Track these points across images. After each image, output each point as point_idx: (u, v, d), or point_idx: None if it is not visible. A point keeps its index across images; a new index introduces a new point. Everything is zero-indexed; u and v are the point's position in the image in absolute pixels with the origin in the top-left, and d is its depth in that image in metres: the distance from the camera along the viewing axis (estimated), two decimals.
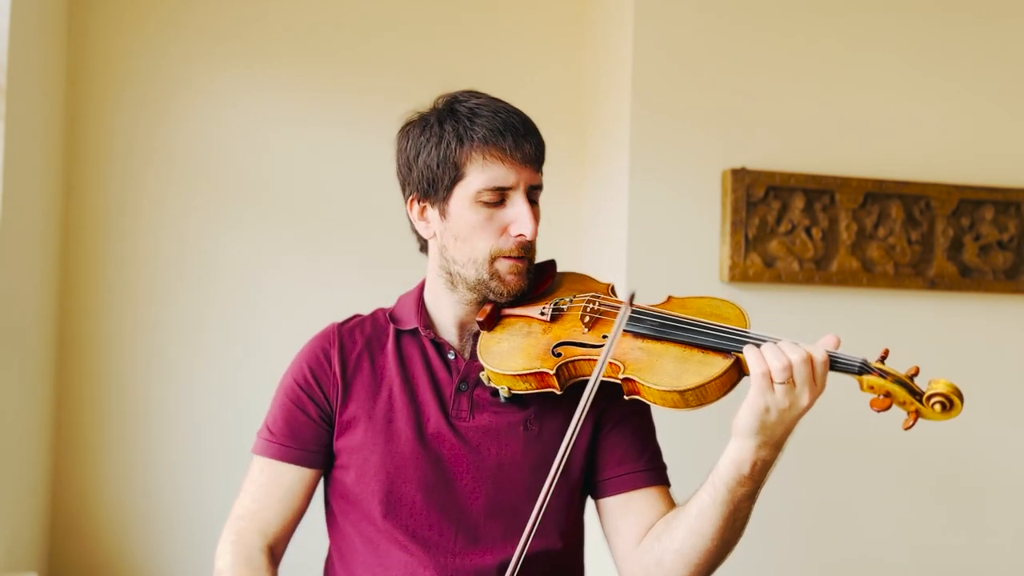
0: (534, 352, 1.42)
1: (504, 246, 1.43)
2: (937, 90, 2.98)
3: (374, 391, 1.49)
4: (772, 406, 1.25)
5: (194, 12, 2.91)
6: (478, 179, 1.42)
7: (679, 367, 1.33)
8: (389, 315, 1.56)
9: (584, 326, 1.42)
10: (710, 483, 1.35)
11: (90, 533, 2.80)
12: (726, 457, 1.32)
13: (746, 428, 1.28)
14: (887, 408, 1.27)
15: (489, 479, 1.44)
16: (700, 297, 1.47)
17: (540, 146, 1.46)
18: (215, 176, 2.91)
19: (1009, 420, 2.99)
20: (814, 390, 1.26)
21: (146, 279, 2.86)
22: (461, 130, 1.42)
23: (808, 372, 1.25)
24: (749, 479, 1.31)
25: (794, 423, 1.29)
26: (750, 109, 2.87)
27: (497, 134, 1.41)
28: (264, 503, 1.50)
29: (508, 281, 1.45)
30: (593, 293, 1.49)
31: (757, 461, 1.30)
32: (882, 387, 1.27)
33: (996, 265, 2.96)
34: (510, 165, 1.41)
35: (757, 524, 2.94)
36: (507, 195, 1.43)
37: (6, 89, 2.21)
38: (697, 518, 1.35)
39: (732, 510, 1.34)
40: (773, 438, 1.29)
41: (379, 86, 2.95)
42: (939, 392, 1.24)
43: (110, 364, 2.84)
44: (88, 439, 2.82)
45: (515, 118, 1.44)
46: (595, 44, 3.08)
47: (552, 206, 3.09)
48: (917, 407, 1.26)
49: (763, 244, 2.82)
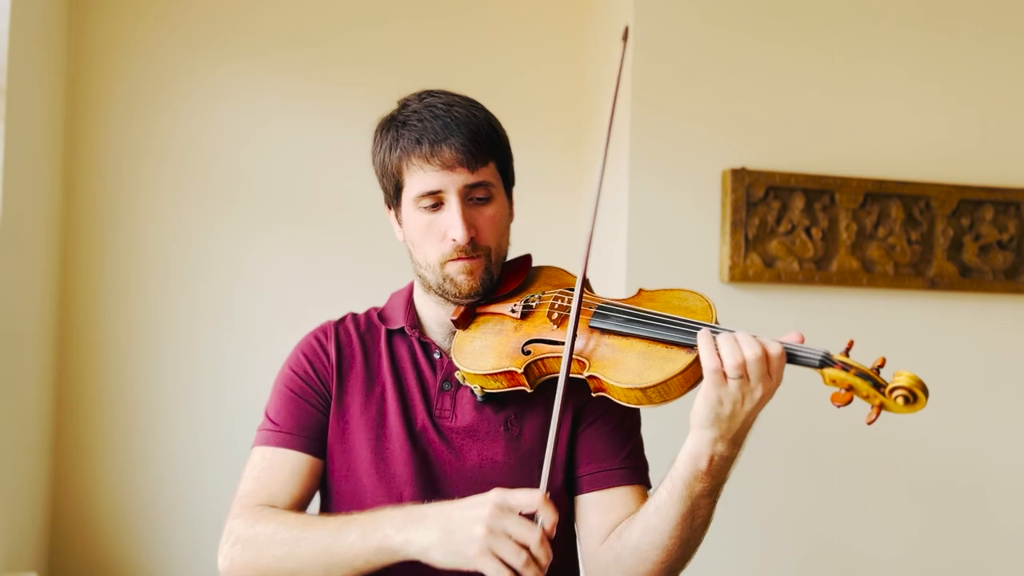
0: (504, 351, 1.41)
1: (446, 250, 1.44)
2: (937, 90, 2.98)
3: (368, 388, 1.50)
4: (725, 398, 1.23)
5: (195, 11, 2.91)
6: (412, 187, 1.44)
7: (642, 363, 1.31)
8: (379, 315, 1.57)
9: (553, 323, 1.41)
10: (668, 478, 1.32)
11: (90, 533, 2.80)
12: (683, 452, 1.30)
13: (701, 420, 1.25)
14: (848, 402, 1.21)
15: (471, 480, 1.45)
16: (669, 290, 1.44)
17: (469, 144, 1.41)
18: (215, 175, 2.91)
19: (1009, 420, 2.99)
20: (768, 383, 1.23)
21: (146, 279, 2.87)
22: (392, 139, 1.45)
23: (763, 368, 1.22)
24: (707, 475, 1.28)
25: (752, 416, 1.26)
26: (750, 109, 2.87)
27: (415, 142, 1.42)
28: (268, 483, 1.46)
29: (460, 283, 1.45)
30: (564, 288, 1.48)
31: (714, 456, 1.27)
32: (844, 380, 1.22)
33: (996, 265, 2.96)
34: (434, 170, 1.41)
35: (746, 525, 2.93)
36: (441, 198, 1.43)
37: (6, 89, 2.21)
38: (655, 514, 1.33)
39: (690, 507, 1.31)
40: (731, 431, 1.26)
41: (379, 84, 2.96)
42: (902, 385, 1.19)
43: (110, 364, 2.84)
44: (88, 439, 2.82)
45: (439, 122, 1.42)
46: (595, 44, 3.09)
47: (552, 206, 3.11)
48: (881, 400, 1.20)
49: (763, 244, 2.82)
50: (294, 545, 1.33)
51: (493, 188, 1.46)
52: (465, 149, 1.41)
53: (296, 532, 1.34)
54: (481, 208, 1.45)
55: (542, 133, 3.09)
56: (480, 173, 1.43)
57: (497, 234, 1.47)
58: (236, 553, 1.38)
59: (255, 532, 1.38)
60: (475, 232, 1.43)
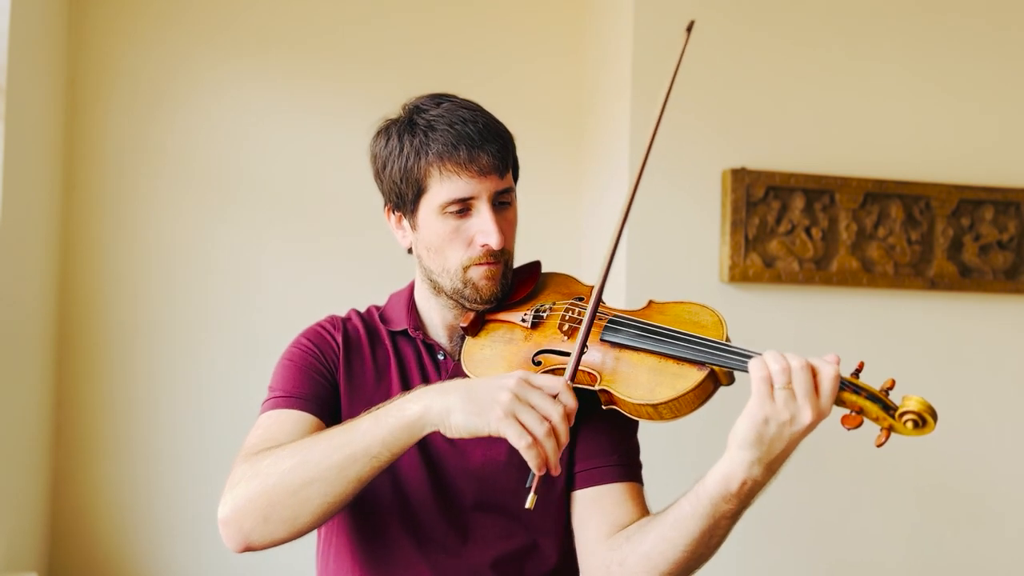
0: (515, 360, 1.41)
1: (473, 255, 1.43)
2: (937, 90, 2.98)
3: (374, 385, 1.49)
4: (772, 418, 1.20)
5: (194, 11, 2.91)
6: (439, 193, 1.41)
7: (653, 379, 1.30)
8: (380, 316, 1.56)
9: (563, 334, 1.40)
10: (693, 493, 1.29)
11: (90, 533, 2.80)
12: (716, 470, 1.25)
13: (742, 439, 1.22)
14: (859, 425, 1.22)
15: (476, 478, 1.45)
16: (679, 302, 1.42)
17: (501, 151, 1.42)
18: (215, 174, 2.91)
19: (1009, 420, 2.99)
20: (815, 404, 1.20)
21: (146, 278, 2.87)
22: (418, 144, 1.41)
23: (809, 381, 1.19)
24: (735, 497, 1.26)
25: (793, 444, 1.23)
26: (750, 109, 2.87)
27: (451, 147, 1.39)
28: (275, 435, 1.38)
29: (482, 287, 1.44)
30: (575, 297, 1.48)
31: (748, 480, 1.24)
32: (855, 403, 1.22)
33: (996, 265, 2.96)
34: (468, 177, 1.40)
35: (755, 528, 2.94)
36: (471, 204, 1.41)
37: (6, 89, 2.22)
38: (673, 526, 1.31)
39: (711, 525, 1.28)
40: (770, 455, 1.22)
41: (379, 84, 2.96)
42: (912, 410, 1.20)
43: (110, 363, 2.84)
44: (88, 439, 2.82)
45: (471, 127, 1.40)
46: (595, 44, 3.08)
47: (552, 206, 3.11)
48: (890, 423, 1.22)
49: (763, 244, 2.82)
50: (304, 451, 1.27)
51: (513, 193, 1.47)
52: (499, 155, 1.41)
53: (305, 442, 1.29)
54: (504, 213, 1.44)
55: (541, 132, 3.09)
56: (507, 179, 1.44)
57: (513, 237, 1.48)
58: (240, 490, 1.28)
59: (259, 463, 1.29)
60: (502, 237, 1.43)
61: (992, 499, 2.98)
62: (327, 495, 1.25)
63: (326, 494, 1.25)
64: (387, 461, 1.27)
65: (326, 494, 1.25)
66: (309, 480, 1.25)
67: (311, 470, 1.25)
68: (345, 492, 1.26)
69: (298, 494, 1.26)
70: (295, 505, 1.26)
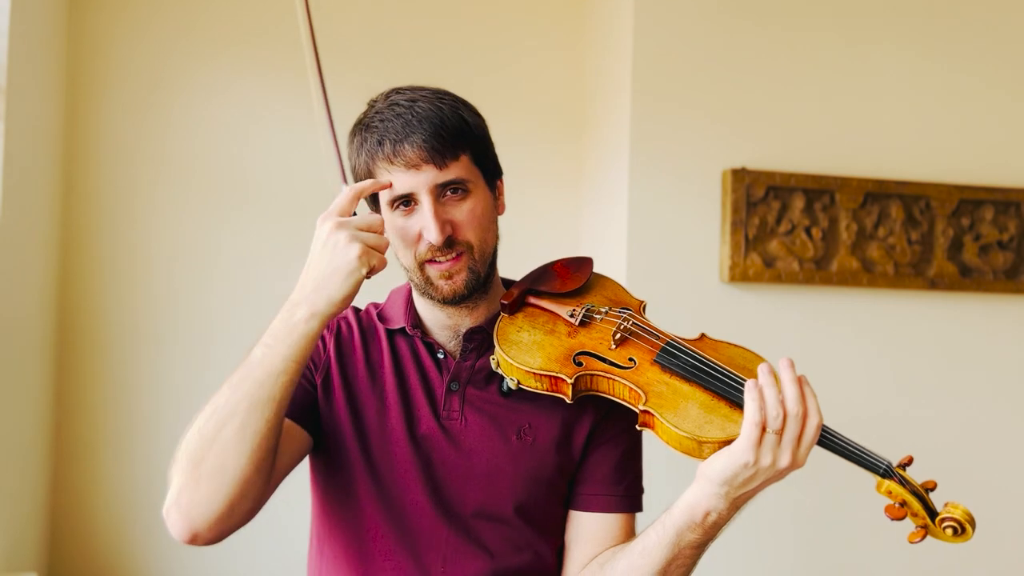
0: (555, 354, 1.36)
1: (421, 251, 1.38)
2: (937, 90, 2.98)
3: (369, 385, 1.46)
4: (752, 461, 1.20)
5: (194, 11, 2.91)
6: (384, 191, 1.39)
7: (703, 415, 1.27)
8: (378, 314, 1.52)
9: (613, 342, 1.37)
10: (659, 522, 1.30)
11: (90, 533, 2.80)
12: (683, 500, 1.27)
13: (716, 474, 1.22)
14: (902, 518, 1.23)
15: (479, 484, 1.41)
16: (733, 345, 1.39)
17: (433, 139, 1.35)
18: (215, 174, 2.91)
19: (1009, 420, 2.99)
20: (795, 452, 1.21)
21: (146, 278, 2.87)
22: (360, 143, 1.41)
23: (798, 430, 1.21)
24: (700, 527, 1.27)
25: (761, 487, 1.24)
26: (750, 109, 2.87)
27: (377, 144, 1.37)
28: None
29: (440, 287, 1.40)
30: (628, 308, 1.44)
31: (711, 512, 1.25)
32: (900, 495, 1.24)
33: (996, 265, 2.96)
34: (400, 171, 1.36)
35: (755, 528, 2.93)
36: (414, 198, 1.37)
37: (6, 89, 2.21)
38: (640, 555, 1.32)
39: (675, 554, 1.29)
40: (738, 492, 1.23)
41: (379, 83, 2.95)
42: (954, 517, 1.22)
43: (110, 364, 2.84)
44: (88, 439, 2.82)
45: (398, 121, 1.37)
46: (595, 43, 3.08)
47: (552, 205, 3.11)
48: (928, 524, 1.23)
49: (763, 244, 2.82)
50: (210, 404, 1.27)
51: (469, 182, 1.39)
52: (428, 146, 1.35)
53: (213, 396, 1.29)
54: (458, 203, 1.38)
55: (542, 127, 3.08)
56: (451, 169, 1.36)
57: (480, 229, 1.39)
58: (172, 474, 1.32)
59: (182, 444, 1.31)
60: (452, 228, 1.37)
61: (992, 499, 2.98)
62: (244, 430, 1.24)
63: (244, 430, 1.24)
64: (296, 373, 1.28)
65: (244, 430, 1.24)
66: (222, 423, 1.25)
67: (221, 414, 1.25)
68: (261, 421, 1.25)
69: (216, 441, 1.25)
70: (217, 454, 1.25)
